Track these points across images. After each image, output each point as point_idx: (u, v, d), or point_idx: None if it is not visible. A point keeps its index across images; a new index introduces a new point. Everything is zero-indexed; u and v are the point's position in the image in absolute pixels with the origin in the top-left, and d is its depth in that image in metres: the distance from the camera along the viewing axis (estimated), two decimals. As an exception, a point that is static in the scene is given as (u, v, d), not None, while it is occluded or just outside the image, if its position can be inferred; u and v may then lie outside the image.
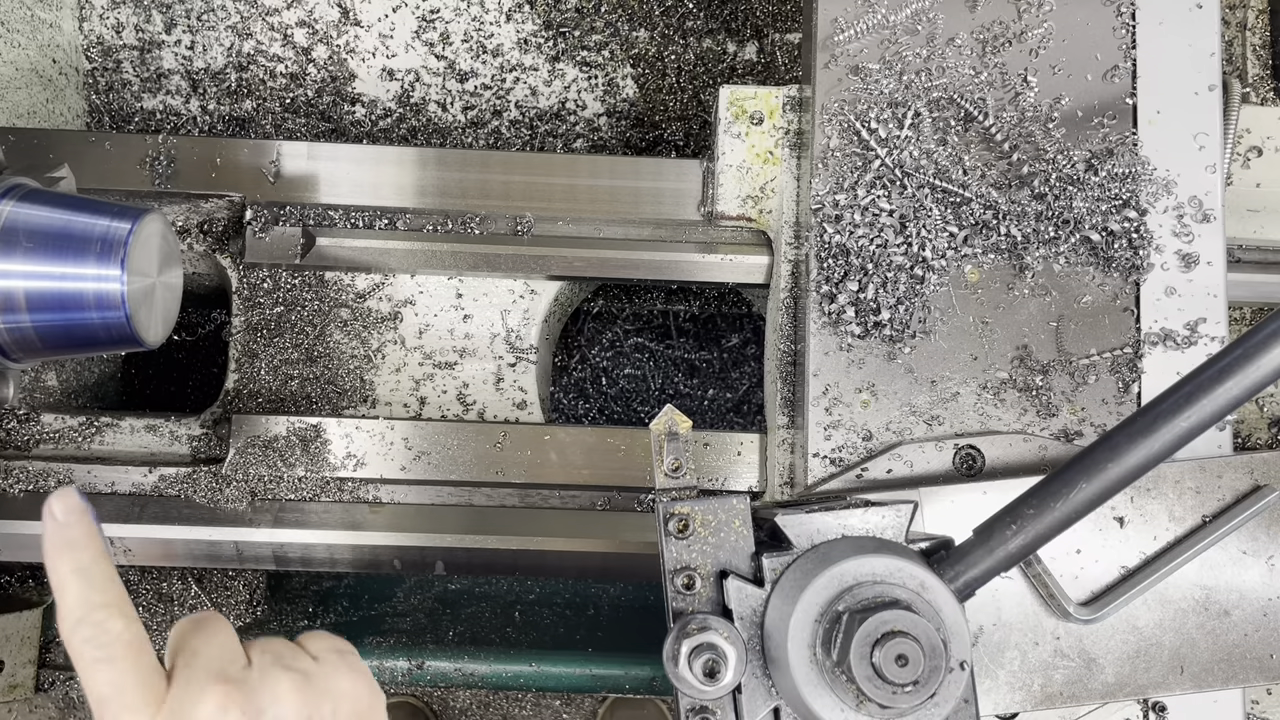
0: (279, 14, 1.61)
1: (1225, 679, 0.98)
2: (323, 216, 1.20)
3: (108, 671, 0.67)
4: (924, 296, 1.05)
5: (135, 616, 0.70)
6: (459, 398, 1.24)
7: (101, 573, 0.70)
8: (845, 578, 0.79)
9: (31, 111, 1.46)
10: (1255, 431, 1.42)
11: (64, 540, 0.71)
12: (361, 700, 0.74)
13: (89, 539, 0.71)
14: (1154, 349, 1.05)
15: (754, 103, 1.17)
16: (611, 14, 1.64)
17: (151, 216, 0.93)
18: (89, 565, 0.70)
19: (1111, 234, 1.05)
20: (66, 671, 1.55)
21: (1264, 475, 0.99)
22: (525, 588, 1.66)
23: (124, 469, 1.17)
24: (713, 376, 1.84)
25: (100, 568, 0.70)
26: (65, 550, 0.70)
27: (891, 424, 1.04)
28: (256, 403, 1.19)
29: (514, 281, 1.25)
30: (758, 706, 0.82)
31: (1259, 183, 1.28)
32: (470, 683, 1.56)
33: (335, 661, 0.75)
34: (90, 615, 0.68)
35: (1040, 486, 0.79)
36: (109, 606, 0.69)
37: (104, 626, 0.68)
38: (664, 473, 0.88)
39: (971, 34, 1.09)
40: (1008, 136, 1.07)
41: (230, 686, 0.69)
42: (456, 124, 1.63)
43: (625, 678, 1.55)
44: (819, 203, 1.06)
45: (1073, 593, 0.96)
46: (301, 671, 0.73)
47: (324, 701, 0.72)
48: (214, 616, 0.76)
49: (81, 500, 0.72)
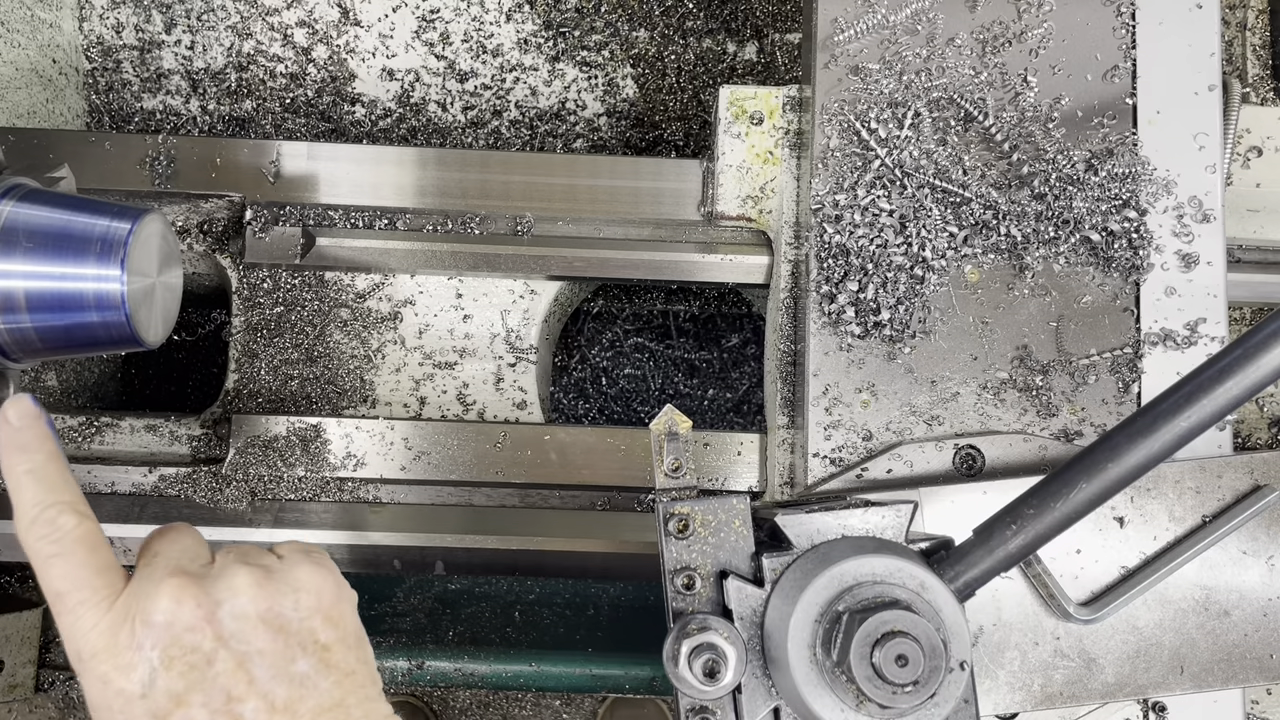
0: (279, 14, 1.61)
1: (1225, 679, 0.98)
2: (323, 216, 1.20)
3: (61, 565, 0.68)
4: (924, 296, 1.05)
5: (89, 514, 0.71)
6: (459, 398, 1.24)
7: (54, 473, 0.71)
8: (845, 578, 0.79)
9: (31, 111, 1.46)
10: (1255, 431, 1.42)
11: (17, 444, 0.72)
12: (325, 594, 0.72)
13: (41, 441, 0.72)
14: (1154, 349, 1.05)
15: (754, 103, 1.17)
16: (611, 14, 1.64)
17: (151, 216, 0.93)
18: (41, 466, 0.71)
19: (1111, 234, 1.05)
20: (66, 671, 1.55)
21: (1264, 475, 0.99)
22: (525, 588, 1.66)
23: (124, 469, 1.17)
24: (713, 376, 1.84)
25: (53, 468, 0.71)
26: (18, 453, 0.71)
27: (891, 424, 1.04)
28: (256, 403, 1.19)
29: (514, 281, 1.25)
30: (758, 706, 0.82)
31: (1259, 183, 1.28)
32: (470, 683, 1.56)
33: (298, 558, 0.74)
34: (43, 514, 0.69)
35: (1040, 486, 0.79)
36: (61, 504, 0.70)
37: (56, 523, 0.69)
38: (664, 473, 0.88)
39: (971, 34, 1.09)
40: (1008, 136, 1.07)
41: (186, 579, 0.68)
42: (456, 124, 1.63)
43: (625, 678, 1.55)
44: (819, 203, 1.06)
45: (1073, 593, 0.96)
46: (262, 567, 0.72)
47: (284, 595, 0.70)
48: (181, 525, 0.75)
49: (35, 406, 0.73)
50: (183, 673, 0.66)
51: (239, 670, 0.67)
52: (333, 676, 0.70)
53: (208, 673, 0.66)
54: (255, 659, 0.67)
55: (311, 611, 0.71)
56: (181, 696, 0.66)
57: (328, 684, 0.69)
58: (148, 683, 0.66)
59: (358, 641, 0.74)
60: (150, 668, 0.66)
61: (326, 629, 0.71)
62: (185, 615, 0.67)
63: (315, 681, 0.69)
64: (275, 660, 0.68)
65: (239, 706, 0.66)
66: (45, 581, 0.68)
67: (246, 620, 0.68)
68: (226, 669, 0.67)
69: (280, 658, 0.68)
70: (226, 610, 0.68)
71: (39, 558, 0.69)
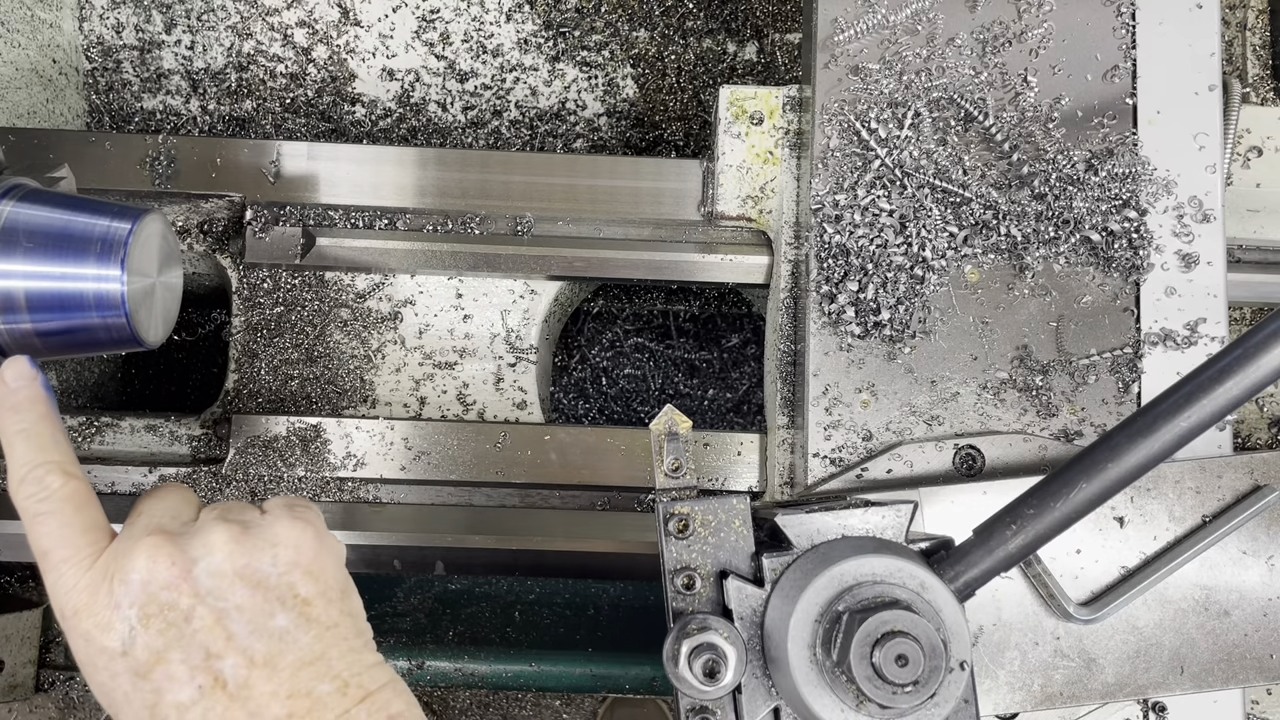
0: (279, 14, 1.61)
1: (1225, 679, 0.98)
2: (323, 216, 1.20)
3: (48, 524, 0.69)
4: (924, 296, 1.05)
5: (79, 474, 0.72)
6: (459, 398, 1.24)
7: (46, 433, 0.72)
8: (845, 578, 0.79)
9: (31, 111, 1.46)
10: (1255, 431, 1.42)
11: (11, 403, 0.73)
12: (305, 548, 0.72)
13: (34, 402, 0.73)
14: (1154, 349, 1.05)
15: (754, 103, 1.17)
16: (611, 14, 1.64)
17: (151, 216, 0.93)
18: (33, 425, 0.72)
19: (1111, 234, 1.05)
20: (66, 671, 1.55)
21: (1264, 475, 0.99)
22: (525, 588, 1.66)
23: (124, 469, 1.17)
24: (713, 376, 1.84)
25: (44, 428, 0.72)
26: (11, 413, 0.72)
27: (891, 424, 1.04)
28: (256, 403, 1.19)
29: (514, 281, 1.25)
30: (758, 706, 0.82)
31: (1259, 183, 1.28)
32: (470, 683, 1.56)
33: (280, 513, 0.74)
34: (31, 473, 0.70)
35: (1040, 486, 0.79)
36: (50, 464, 0.71)
37: (44, 482, 0.70)
38: (664, 473, 0.88)
39: (971, 34, 1.09)
40: (1008, 136, 1.07)
41: (163, 537, 0.69)
42: (456, 124, 1.63)
43: (625, 678, 1.55)
44: (819, 203, 1.06)
45: (1073, 593, 0.96)
46: (240, 522, 0.72)
47: (261, 551, 0.70)
48: (173, 485, 0.76)
49: (32, 367, 0.74)
50: (161, 630, 0.67)
51: (217, 626, 0.67)
52: (313, 630, 0.70)
53: (185, 630, 0.67)
54: (233, 615, 0.68)
55: (290, 566, 0.71)
56: (161, 653, 0.66)
57: (308, 638, 0.69)
58: (128, 640, 0.66)
59: (341, 594, 0.73)
60: (129, 626, 0.66)
61: (306, 583, 0.71)
62: (161, 573, 0.67)
63: (295, 636, 0.69)
64: (254, 615, 0.68)
65: (218, 663, 0.67)
66: (33, 540, 0.70)
67: (223, 577, 0.68)
68: (205, 625, 0.67)
69: (259, 613, 0.68)
70: (202, 567, 0.68)
71: (27, 516, 0.70)
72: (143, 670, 0.66)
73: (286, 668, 0.68)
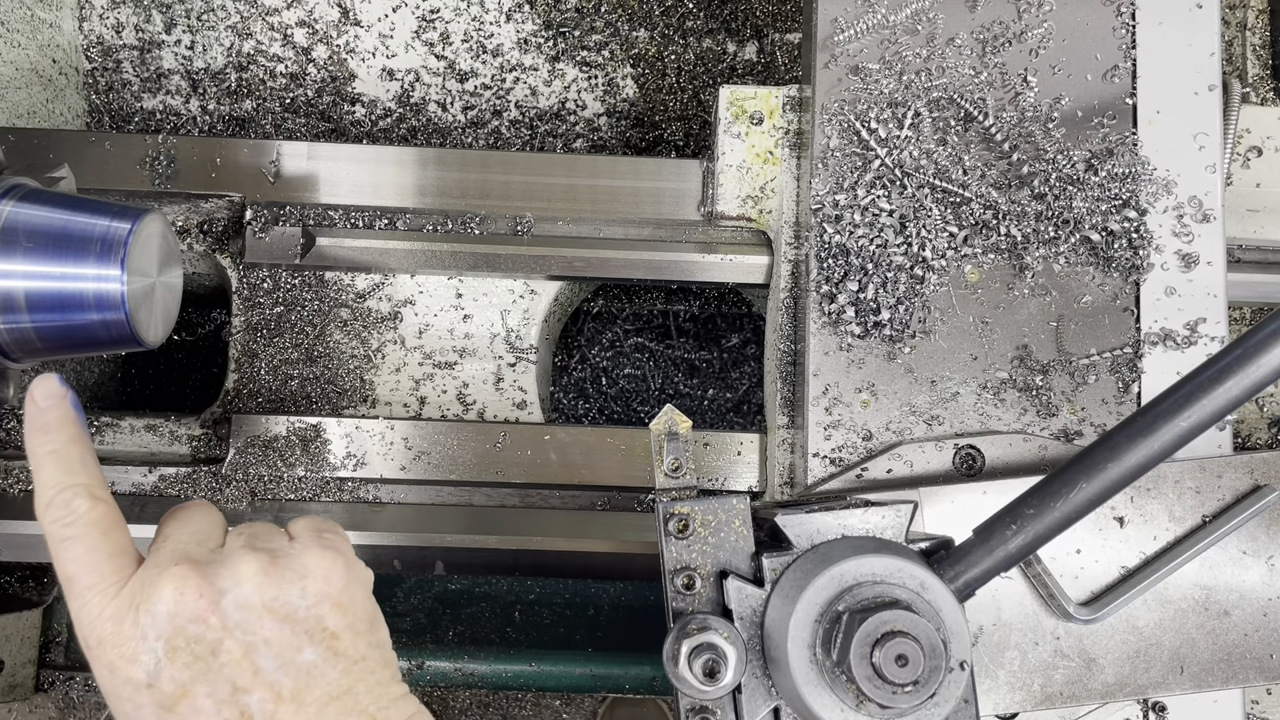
0: (279, 14, 1.61)
1: (1225, 679, 0.98)
2: (323, 216, 1.20)
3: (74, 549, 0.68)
4: (924, 296, 1.05)
5: (107, 498, 0.70)
6: (459, 398, 1.24)
7: (74, 455, 0.71)
8: (845, 578, 0.79)
9: (31, 111, 1.46)
10: (1255, 431, 1.42)
11: (40, 424, 0.72)
12: (334, 579, 0.71)
13: (63, 423, 0.72)
14: (1154, 349, 1.05)
15: (754, 103, 1.17)
16: (611, 14, 1.64)
17: (151, 216, 0.93)
18: (62, 447, 0.71)
19: (1111, 234, 1.05)
20: (66, 671, 1.55)
21: (1264, 475, 0.99)
22: (525, 588, 1.66)
23: (124, 469, 1.17)
24: (713, 376, 1.84)
25: (73, 450, 0.71)
26: (41, 433, 0.71)
27: (891, 424, 1.04)
28: (256, 403, 1.19)
29: (514, 281, 1.25)
30: (758, 706, 0.82)
31: (1259, 183, 1.28)
32: (470, 683, 1.56)
33: (309, 541, 0.72)
34: (59, 496, 0.69)
35: (1040, 486, 0.79)
36: (77, 487, 0.69)
37: (70, 506, 0.69)
38: (664, 473, 0.88)
39: (971, 34, 1.09)
40: (1008, 136, 1.07)
41: (190, 567, 0.68)
42: (456, 124, 1.63)
43: (625, 678, 1.55)
44: (819, 203, 1.06)
45: (1073, 593, 0.96)
46: (269, 552, 0.70)
47: (290, 582, 0.69)
48: (198, 504, 0.75)
49: (61, 385, 0.73)
50: (188, 663, 0.65)
51: (245, 660, 0.66)
52: (341, 664, 0.69)
53: (213, 663, 0.66)
54: (261, 648, 0.67)
55: (319, 598, 0.70)
56: (187, 687, 0.65)
57: (335, 673, 0.68)
58: (153, 672, 0.65)
59: (369, 626, 0.72)
60: (155, 658, 0.65)
61: (335, 616, 0.70)
62: (189, 605, 0.66)
63: (323, 670, 0.68)
64: (282, 650, 0.67)
65: (245, 697, 0.66)
66: (59, 565, 0.68)
67: (252, 610, 0.67)
68: (232, 659, 0.66)
69: (287, 647, 0.67)
70: (231, 599, 0.67)
71: (53, 540, 0.68)
72: (168, 703, 0.65)
73: (313, 703, 0.67)
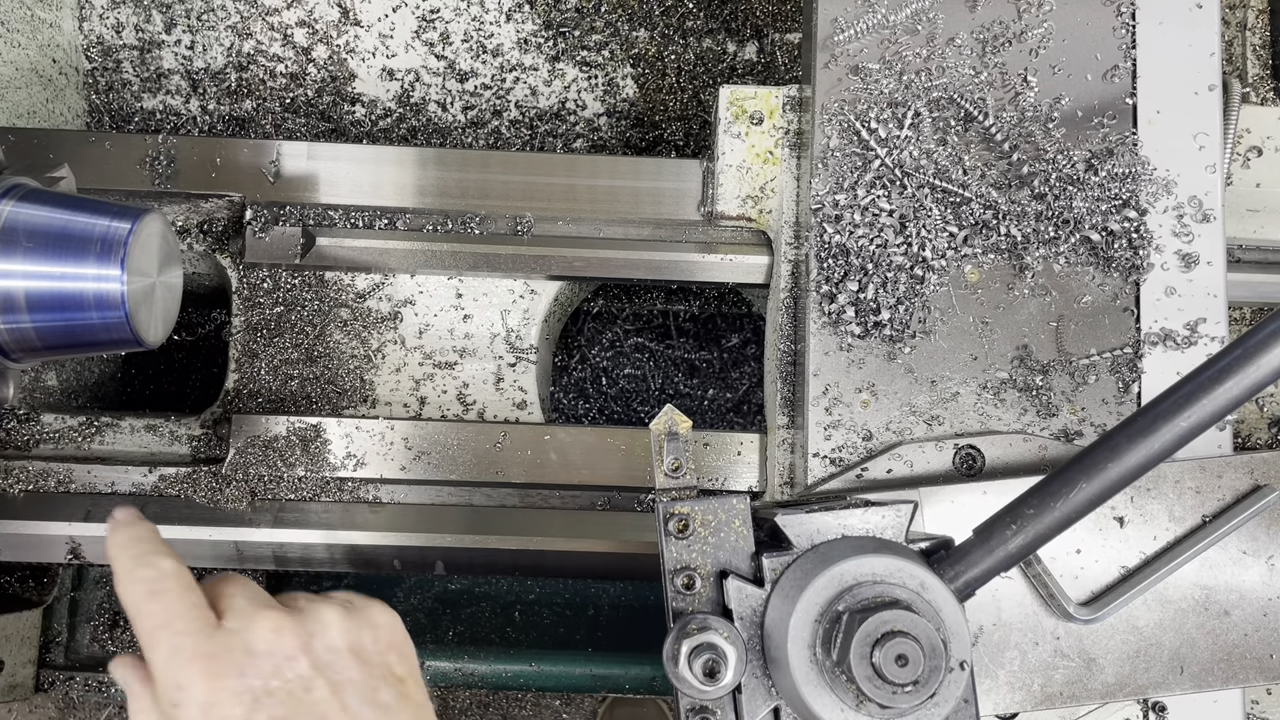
0: (279, 14, 1.61)
1: (1225, 679, 0.98)
2: (323, 216, 1.20)
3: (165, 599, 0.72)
4: (924, 296, 1.05)
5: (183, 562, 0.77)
6: (459, 398, 1.24)
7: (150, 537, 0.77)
8: (845, 578, 0.79)
9: (31, 111, 1.46)
10: (1255, 431, 1.42)
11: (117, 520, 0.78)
12: (397, 631, 0.79)
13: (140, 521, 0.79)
14: (1154, 349, 1.05)
15: (754, 103, 1.17)
16: (611, 14, 1.64)
17: (151, 216, 0.93)
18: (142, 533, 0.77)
19: (1111, 234, 1.05)
20: (67, 671, 1.55)
21: (1264, 475, 0.99)
22: (525, 588, 1.66)
23: (124, 469, 1.17)
24: (713, 376, 1.84)
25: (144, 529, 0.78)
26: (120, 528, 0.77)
27: (891, 424, 1.04)
28: (256, 403, 1.19)
29: (514, 281, 1.25)
30: (758, 706, 0.82)
31: (1259, 183, 1.28)
32: (470, 683, 1.56)
33: (369, 600, 0.80)
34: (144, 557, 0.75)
35: (1040, 486, 0.79)
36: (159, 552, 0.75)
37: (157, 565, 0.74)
38: (664, 473, 0.88)
39: (971, 34, 1.09)
40: (1008, 136, 1.07)
41: (281, 612, 0.74)
42: (456, 124, 1.63)
43: (625, 678, 1.55)
44: (819, 203, 1.06)
45: (1073, 593, 0.96)
46: (343, 603, 0.77)
47: (364, 629, 0.76)
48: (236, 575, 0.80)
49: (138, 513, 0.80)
50: (284, 700, 0.70)
51: (334, 698, 0.71)
52: (410, 707, 0.75)
53: (305, 700, 0.70)
54: (347, 687, 0.72)
55: (388, 646, 0.77)
56: None
57: (406, 714, 0.74)
58: (251, 710, 0.69)
59: (419, 677, 0.79)
60: (253, 696, 0.69)
61: (400, 663, 0.77)
62: (285, 645, 0.72)
63: (396, 711, 0.73)
64: (363, 689, 0.73)
65: None
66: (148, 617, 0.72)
67: (337, 651, 0.73)
68: (323, 696, 0.71)
69: (367, 687, 0.73)
70: (320, 642, 0.73)
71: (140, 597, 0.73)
72: None
73: None
